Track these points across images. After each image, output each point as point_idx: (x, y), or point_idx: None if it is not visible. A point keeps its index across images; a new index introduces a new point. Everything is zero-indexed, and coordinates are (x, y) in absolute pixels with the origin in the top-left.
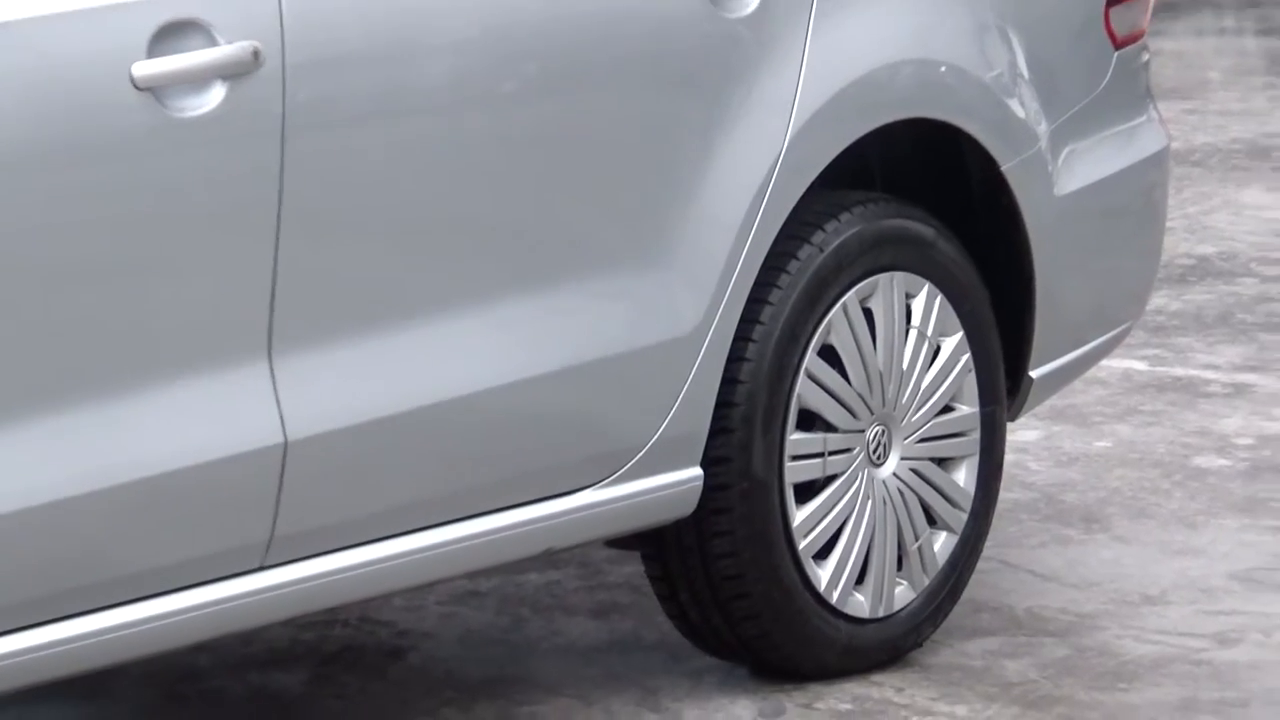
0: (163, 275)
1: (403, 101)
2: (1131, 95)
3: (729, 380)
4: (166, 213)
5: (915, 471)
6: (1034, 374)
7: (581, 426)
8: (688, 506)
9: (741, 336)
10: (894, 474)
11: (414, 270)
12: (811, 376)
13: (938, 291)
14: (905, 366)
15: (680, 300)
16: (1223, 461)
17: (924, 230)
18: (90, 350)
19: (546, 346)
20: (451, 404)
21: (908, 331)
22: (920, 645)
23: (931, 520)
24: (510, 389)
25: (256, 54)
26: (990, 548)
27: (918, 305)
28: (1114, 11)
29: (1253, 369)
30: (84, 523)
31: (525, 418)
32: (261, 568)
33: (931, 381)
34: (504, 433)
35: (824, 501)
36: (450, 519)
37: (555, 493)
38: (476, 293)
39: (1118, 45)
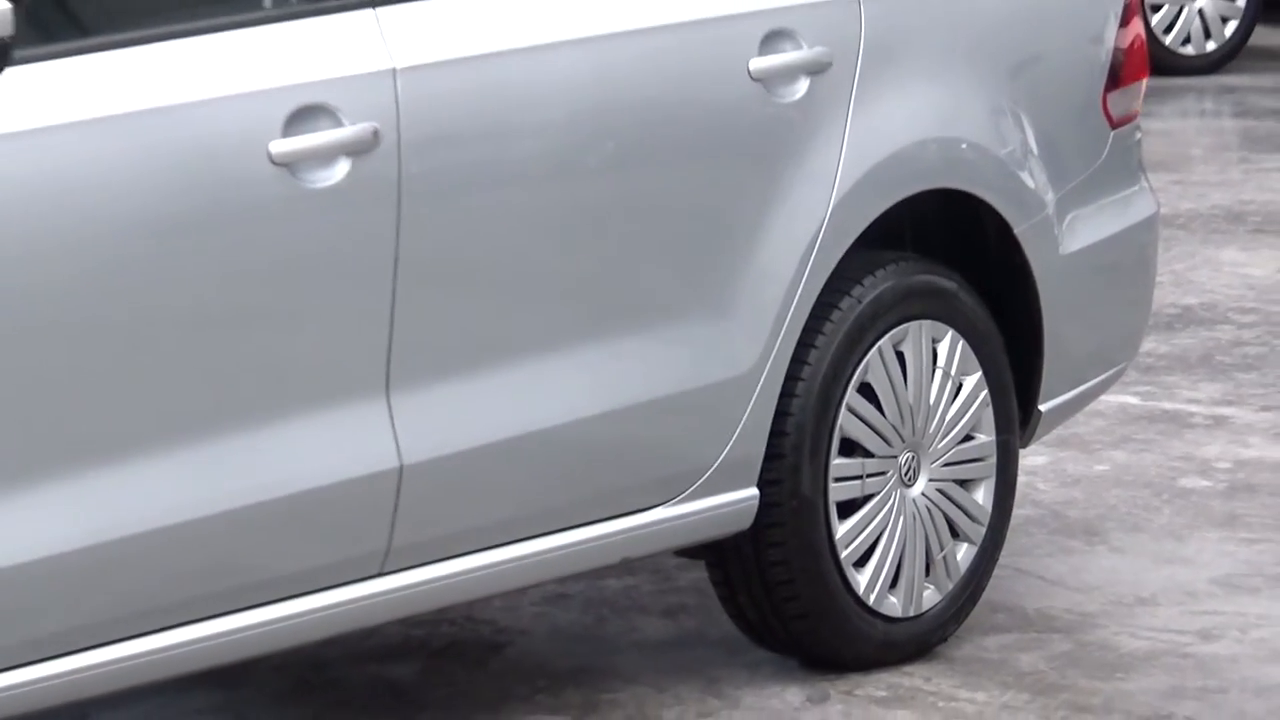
0: (296, 324)
1: (501, 173)
2: (1126, 168)
3: (780, 413)
4: (299, 270)
5: (941, 491)
6: (1043, 407)
7: (654, 453)
8: (745, 522)
9: (791, 376)
10: (922, 493)
11: (511, 318)
12: (852, 410)
13: (960, 337)
14: (932, 401)
15: (739, 344)
16: (1205, 483)
17: (947, 284)
18: (232, 388)
19: (624, 384)
20: (543, 433)
21: (934, 371)
22: (945, 640)
23: (954, 533)
24: (593, 420)
25: (376, 133)
26: (1005, 556)
27: (943, 349)
28: (1110, 96)
29: (1230, 403)
30: (228, 535)
31: (605, 445)
32: (380, 574)
33: (954, 414)
34: (587, 458)
35: (862, 517)
36: (541, 532)
37: (631, 510)
38: (563, 338)
39: (1114, 125)
